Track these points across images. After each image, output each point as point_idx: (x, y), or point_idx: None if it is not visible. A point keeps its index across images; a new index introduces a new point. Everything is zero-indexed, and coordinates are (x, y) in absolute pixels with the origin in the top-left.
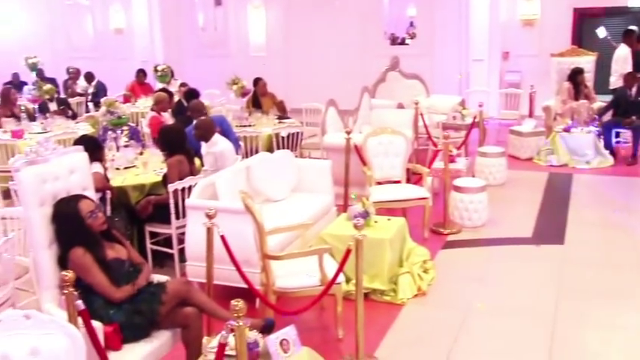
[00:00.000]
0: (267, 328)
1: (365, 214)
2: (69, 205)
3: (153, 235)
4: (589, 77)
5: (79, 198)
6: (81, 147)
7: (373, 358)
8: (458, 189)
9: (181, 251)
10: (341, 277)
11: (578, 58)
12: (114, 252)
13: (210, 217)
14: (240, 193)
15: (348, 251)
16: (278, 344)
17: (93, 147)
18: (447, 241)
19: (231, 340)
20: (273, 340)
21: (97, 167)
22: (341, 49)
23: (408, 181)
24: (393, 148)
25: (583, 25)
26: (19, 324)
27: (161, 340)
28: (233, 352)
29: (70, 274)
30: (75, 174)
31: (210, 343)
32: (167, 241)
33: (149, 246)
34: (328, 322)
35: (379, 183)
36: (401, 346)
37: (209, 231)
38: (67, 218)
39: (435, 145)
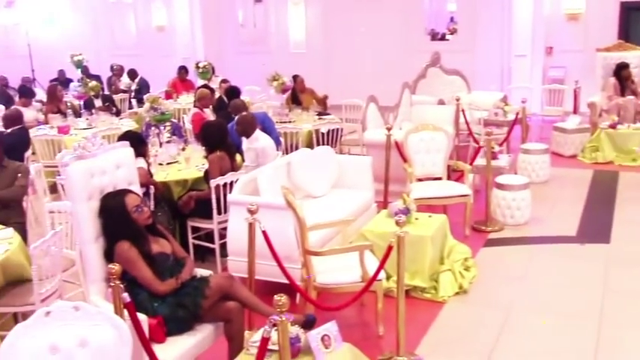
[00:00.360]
0: (308, 324)
1: (406, 211)
2: (115, 199)
3: (195, 229)
4: (636, 72)
5: (125, 192)
6: (127, 142)
7: (414, 355)
8: (500, 186)
9: (222, 246)
10: (382, 274)
11: (626, 53)
12: (158, 246)
13: (252, 212)
14: (281, 188)
15: (390, 248)
16: (319, 340)
17: (137, 142)
18: (488, 239)
19: (273, 334)
20: (314, 336)
21: (141, 162)
22: (381, 45)
23: (449, 178)
24: (435, 144)
25: (630, 18)
26: (69, 315)
27: (204, 333)
28: (275, 347)
29: (116, 267)
30: (121, 169)
31: (252, 338)
32: (208, 236)
33: (191, 241)
34: (368, 319)
35: (419, 180)
36: (442, 344)
37: (251, 226)
38: (113, 212)
39: (476, 141)
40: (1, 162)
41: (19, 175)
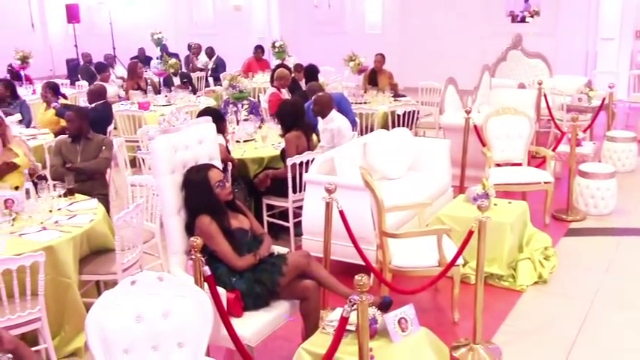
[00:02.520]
0: (384, 306)
1: (485, 196)
2: (199, 174)
3: (269, 207)
4: None
5: (209, 167)
6: (209, 118)
7: (491, 344)
8: (584, 174)
9: (296, 225)
10: (459, 260)
11: None
12: (237, 222)
13: (329, 191)
14: (360, 168)
15: (470, 233)
16: (396, 322)
17: (216, 119)
18: (569, 229)
19: (352, 314)
20: (391, 318)
21: (220, 139)
22: (459, 26)
23: (529, 164)
24: (516, 129)
25: None
26: (153, 285)
27: (280, 310)
28: (352, 327)
29: (198, 241)
30: (203, 144)
31: (328, 317)
32: (283, 214)
33: (265, 218)
34: (442, 304)
35: (498, 165)
36: (520, 334)
37: (328, 206)
38: (196, 186)
39: (558, 127)
40: (87, 135)
41: (104, 147)
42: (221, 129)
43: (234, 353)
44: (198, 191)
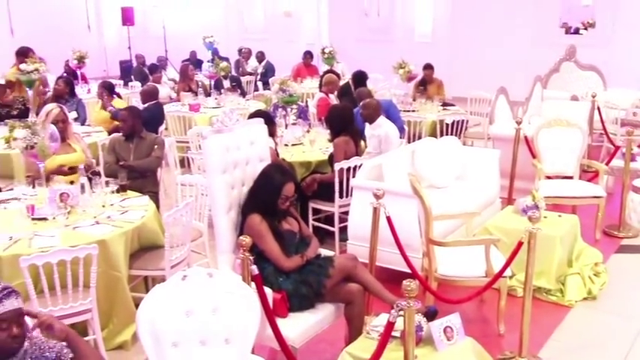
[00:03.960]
0: (429, 315)
1: (535, 208)
2: (280, 178)
3: (315, 211)
4: None
5: (290, 178)
6: (261, 119)
7: (537, 358)
8: (638, 190)
9: (341, 230)
10: (507, 271)
11: None
12: (287, 223)
13: (378, 197)
14: (408, 175)
15: (520, 244)
16: (442, 331)
17: (267, 122)
18: (621, 245)
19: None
20: (437, 326)
21: (270, 142)
22: (510, 37)
23: (580, 178)
24: (568, 142)
25: None
26: (203, 281)
27: (324, 312)
28: (396, 334)
29: (247, 240)
30: (255, 145)
31: (373, 322)
32: (328, 219)
33: (311, 222)
34: (488, 316)
35: (548, 177)
36: (567, 350)
37: (375, 211)
38: (268, 184)
39: (611, 141)
40: (140, 133)
41: (156, 146)
42: (271, 132)
43: (278, 353)
44: (265, 189)
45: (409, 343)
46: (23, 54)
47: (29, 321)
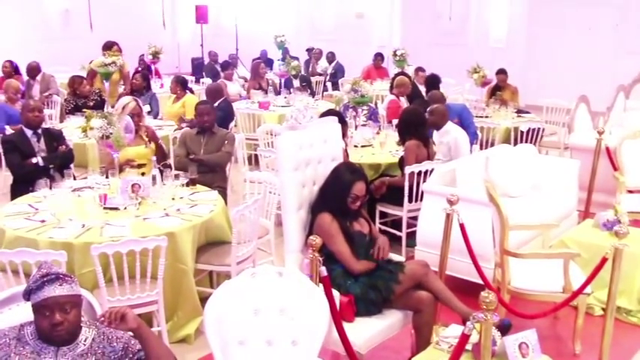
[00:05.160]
0: (503, 328)
1: (617, 223)
2: (349, 175)
3: (382, 214)
4: None
5: (360, 177)
6: (335, 118)
7: None
8: None
9: (408, 235)
10: (587, 288)
11: None
12: (358, 225)
13: (451, 202)
14: (484, 182)
15: (604, 260)
16: (517, 347)
17: (339, 121)
18: None
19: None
20: (512, 342)
21: (341, 142)
22: (590, 43)
23: None
24: None
25: None
26: (272, 280)
27: (392, 319)
28: (468, 346)
29: (317, 240)
30: (327, 143)
31: (443, 332)
32: (395, 223)
33: (378, 226)
34: (562, 333)
35: (630, 191)
36: None
37: (448, 217)
38: (338, 182)
39: None
40: (212, 128)
41: (226, 141)
42: (342, 132)
43: (341, 358)
44: (335, 187)
45: (485, 357)
46: (109, 48)
47: (99, 310)
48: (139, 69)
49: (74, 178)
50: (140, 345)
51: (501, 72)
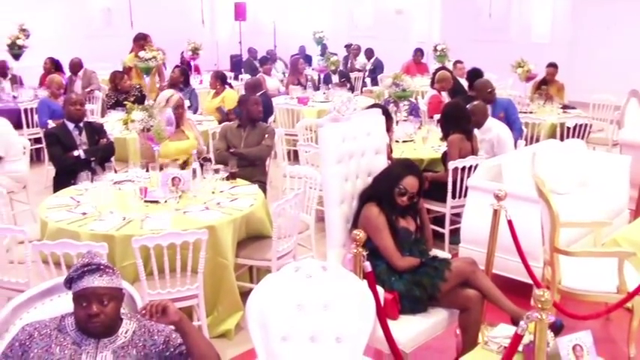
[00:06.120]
0: (555, 329)
1: None
2: (400, 169)
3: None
4: None
5: (413, 171)
6: (379, 110)
7: None
8: None
9: (452, 232)
10: None
11: None
12: (404, 221)
13: (499, 198)
14: (533, 177)
15: None
16: (571, 348)
17: (383, 115)
18: None
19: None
20: (565, 343)
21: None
22: (638, 38)
23: None
24: None
25: None
26: (316, 274)
27: (437, 317)
28: (519, 347)
29: (361, 234)
30: (371, 136)
31: (492, 332)
32: (437, 220)
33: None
34: (615, 336)
35: None
36: None
37: (496, 213)
38: (388, 173)
39: None
40: (259, 120)
41: (266, 135)
42: (387, 127)
43: (385, 357)
44: (384, 177)
45: (539, 358)
46: (141, 40)
47: (140, 303)
48: (179, 65)
49: (115, 172)
50: (181, 338)
51: (551, 65)
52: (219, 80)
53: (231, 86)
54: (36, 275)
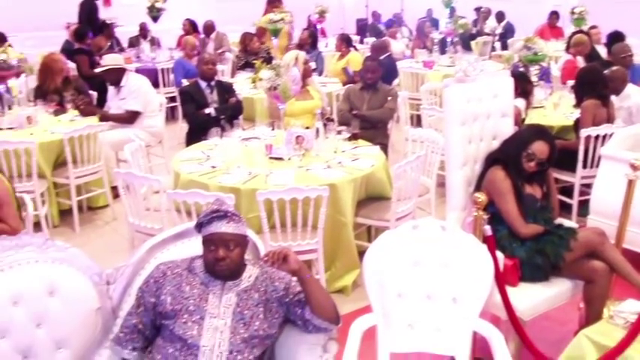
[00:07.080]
0: None
1: None
2: (530, 133)
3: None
4: None
5: (542, 137)
6: (508, 72)
7: None
8: None
9: (580, 203)
10: None
11: None
12: (530, 188)
13: (635, 168)
14: None
15: None
16: None
17: (522, 80)
18: None
19: None
20: None
21: (519, 102)
22: None
23: None
24: None
25: None
26: (434, 233)
27: (559, 288)
28: None
29: (482, 197)
30: (498, 98)
31: (619, 307)
32: (565, 190)
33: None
34: None
35: None
36: None
37: (630, 184)
38: (518, 136)
39: None
40: (376, 85)
41: (389, 98)
42: (527, 90)
43: (501, 323)
44: (513, 140)
45: None
46: (273, 2)
47: (263, 250)
48: (307, 28)
49: (243, 129)
50: (300, 287)
51: None
52: (345, 42)
53: (356, 48)
54: (169, 222)
